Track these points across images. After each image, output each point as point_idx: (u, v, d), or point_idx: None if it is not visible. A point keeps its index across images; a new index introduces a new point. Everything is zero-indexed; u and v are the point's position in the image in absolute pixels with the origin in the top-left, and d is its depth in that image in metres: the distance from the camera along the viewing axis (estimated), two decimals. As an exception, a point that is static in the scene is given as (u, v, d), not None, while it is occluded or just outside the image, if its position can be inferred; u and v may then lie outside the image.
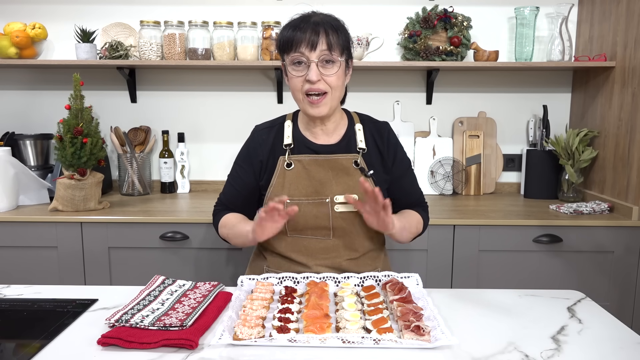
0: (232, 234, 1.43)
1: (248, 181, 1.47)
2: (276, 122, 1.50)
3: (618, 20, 2.13)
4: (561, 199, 2.34)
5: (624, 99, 2.09)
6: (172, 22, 2.29)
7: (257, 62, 2.28)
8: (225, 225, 1.46)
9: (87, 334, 1.04)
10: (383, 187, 1.45)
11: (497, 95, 2.54)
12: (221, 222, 1.48)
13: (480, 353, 0.97)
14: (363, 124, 1.47)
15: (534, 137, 2.50)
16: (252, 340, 0.98)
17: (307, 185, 1.40)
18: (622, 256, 1.99)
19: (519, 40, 2.33)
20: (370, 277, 1.29)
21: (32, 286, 1.30)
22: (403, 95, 2.54)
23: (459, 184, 2.50)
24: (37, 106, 2.55)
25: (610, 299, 2.02)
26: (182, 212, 2.10)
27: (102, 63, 2.28)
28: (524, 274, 2.02)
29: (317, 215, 1.39)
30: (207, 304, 1.14)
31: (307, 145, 1.43)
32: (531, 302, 1.22)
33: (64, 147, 1.99)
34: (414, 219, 1.47)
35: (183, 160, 2.50)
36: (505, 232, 1.99)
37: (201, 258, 2.02)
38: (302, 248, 1.42)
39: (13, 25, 2.30)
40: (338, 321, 1.07)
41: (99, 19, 2.45)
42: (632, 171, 2.03)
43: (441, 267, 2.02)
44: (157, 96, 2.55)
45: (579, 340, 1.03)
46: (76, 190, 2.03)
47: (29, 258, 2.02)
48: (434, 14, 2.33)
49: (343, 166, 1.41)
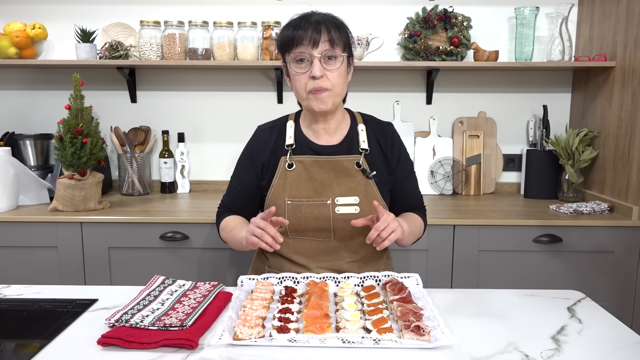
0: (230, 239, 1.43)
1: (250, 182, 1.47)
2: (278, 122, 1.49)
3: (618, 20, 2.13)
4: (561, 199, 2.34)
5: (624, 99, 2.09)
6: (172, 22, 2.29)
7: (257, 62, 2.28)
8: (224, 229, 1.46)
9: (87, 334, 1.04)
10: (386, 188, 1.45)
11: (497, 95, 2.54)
12: (221, 225, 1.48)
13: (480, 353, 0.97)
14: (366, 124, 1.47)
15: (534, 137, 2.50)
16: (252, 340, 0.98)
17: (308, 187, 1.40)
18: (622, 256, 1.99)
19: (519, 40, 2.33)
20: (370, 277, 1.29)
21: (32, 286, 1.30)
22: (403, 95, 2.54)
23: (459, 184, 2.50)
24: (37, 106, 2.55)
25: (610, 299, 2.02)
26: (182, 212, 2.10)
27: (102, 63, 2.28)
28: (524, 274, 2.02)
29: (318, 216, 1.39)
30: (207, 304, 1.14)
31: (308, 146, 1.43)
32: (531, 302, 1.22)
33: (64, 147, 1.99)
34: (417, 223, 1.47)
35: (183, 160, 2.50)
36: (505, 232, 1.99)
37: (201, 258, 2.02)
38: (303, 250, 1.42)
39: (13, 25, 2.30)
40: (338, 321, 1.07)
41: (99, 19, 2.45)
42: (632, 171, 2.03)
43: (441, 267, 2.02)
44: (157, 96, 2.55)
45: (579, 340, 1.03)
46: (76, 190, 2.03)
47: (29, 258, 2.02)
48: (434, 14, 2.33)
49: (345, 167, 1.41)
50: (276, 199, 1.41)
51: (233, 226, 1.43)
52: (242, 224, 1.44)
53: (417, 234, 1.47)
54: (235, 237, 1.39)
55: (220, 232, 1.49)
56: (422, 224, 1.50)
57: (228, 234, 1.44)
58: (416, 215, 1.51)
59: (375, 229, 1.23)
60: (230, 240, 1.44)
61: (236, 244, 1.40)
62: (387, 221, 1.24)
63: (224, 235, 1.46)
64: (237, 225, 1.43)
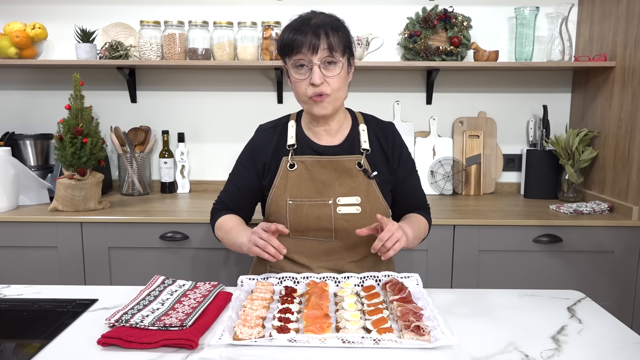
0: (227, 240, 1.42)
1: (251, 181, 1.46)
2: (280, 122, 1.49)
3: (618, 20, 2.13)
4: (561, 199, 2.34)
5: (624, 99, 2.09)
6: (172, 22, 2.29)
7: (257, 62, 2.28)
8: (220, 228, 1.45)
9: (87, 334, 1.04)
10: (387, 188, 1.45)
11: (497, 95, 2.54)
12: (217, 223, 1.47)
13: (480, 353, 0.97)
14: (367, 124, 1.47)
15: (534, 137, 2.50)
16: (252, 340, 0.98)
17: (309, 187, 1.40)
18: (622, 256, 1.99)
19: (519, 40, 2.33)
20: (370, 277, 1.29)
21: (32, 286, 1.30)
22: (403, 95, 2.54)
23: (459, 184, 2.50)
24: (37, 106, 2.55)
25: (610, 299, 2.02)
26: (182, 212, 2.10)
27: (102, 63, 2.28)
28: (524, 274, 2.02)
29: (320, 216, 1.39)
30: (207, 304, 1.14)
31: (310, 146, 1.43)
32: (531, 302, 1.22)
33: (64, 147, 1.99)
34: (422, 225, 1.47)
35: (183, 160, 2.50)
36: (505, 232, 1.99)
37: (201, 258, 2.02)
38: (304, 249, 1.42)
39: (13, 25, 2.30)
40: (338, 321, 1.07)
41: (99, 19, 2.45)
42: (632, 171, 2.03)
43: (441, 267, 2.02)
44: (157, 96, 2.55)
45: (579, 340, 1.03)
46: (76, 190, 2.03)
47: (29, 258, 2.02)
48: (434, 14, 2.33)
49: (346, 167, 1.41)
50: (278, 199, 1.41)
51: (230, 227, 1.42)
52: (240, 225, 1.43)
53: (421, 236, 1.47)
54: (233, 240, 1.38)
55: (215, 230, 1.48)
56: (426, 224, 1.50)
57: (225, 235, 1.43)
58: (420, 216, 1.50)
59: (380, 240, 1.23)
60: (226, 241, 1.43)
61: (233, 247, 1.39)
62: (391, 231, 1.24)
63: (220, 235, 1.45)
64: (235, 227, 1.42)
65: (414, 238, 1.37)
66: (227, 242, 1.43)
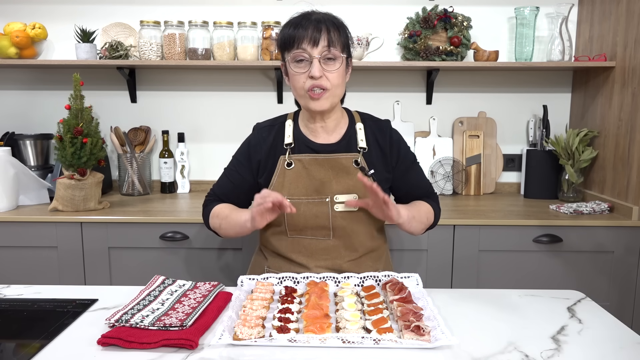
0: (226, 224, 1.41)
1: (245, 177, 1.47)
2: (277, 121, 1.50)
3: (618, 20, 2.13)
4: (561, 199, 2.34)
5: (624, 99, 2.09)
6: (172, 22, 2.29)
7: (257, 62, 2.28)
8: (217, 216, 1.44)
9: (87, 334, 1.04)
10: (385, 186, 1.45)
11: (497, 95, 2.55)
12: (213, 212, 1.46)
13: (480, 353, 0.97)
14: (364, 123, 1.47)
15: (534, 137, 2.50)
16: (252, 340, 0.98)
17: (307, 185, 1.40)
18: (622, 256, 1.99)
19: (519, 40, 2.33)
20: (370, 277, 1.29)
21: (32, 286, 1.30)
22: (403, 95, 2.54)
23: (459, 184, 2.50)
24: (37, 106, 2.55)
25: (610, 299, 2.02)
26: (182, 212, 2.10)
27: (102, 63, 2.28)
28: (524, 274, 2.02)
29: (317, 214, 1.39)
30: (207, 304, 1.14)
31: (307, 145, 1.43)
32: (531, 302, 1.22)
33: (64, 147, 1.99)
34: (423, 208, 1.47)
35: (183, 160, 2.50)
36: (505, 232, 1.99)
37: (201, 258, 2.02)
38: (302, 248, 1.42)
39: (13, 25, 2.30)
40: (338, 321, 1.07)
41: (99, 19, 2.45)
42: (632, 171, 2.03)
43: (441, 267, 2.02)
44: (157, 96, 2.55)
45: (579, 340, 1.03)
46: (76, 190, 2.03)
47: (29, 258, 2.02)
48: (434, 14, 2.33)
49: (343, 165, 1.41)
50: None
51: (229, 212, 1.42)
52: (238, 209, 1.44)
53: (423, 220, 1.46)
54: (236, 220, 1.38)
55: (210, 219, 1.47)
56: (429, 209, 1.49)
57: (223, 220, 1.42)
58: (422, 202, 1.50)
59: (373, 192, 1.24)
60: (225, 225, 1.42)
61: (235, 227, 1.38)
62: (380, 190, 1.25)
63: (217, 222, 1.44)
64: (235, 209, 1.43)
65: (410, 218, 1.37)
66: (225, 226, 1.42)
